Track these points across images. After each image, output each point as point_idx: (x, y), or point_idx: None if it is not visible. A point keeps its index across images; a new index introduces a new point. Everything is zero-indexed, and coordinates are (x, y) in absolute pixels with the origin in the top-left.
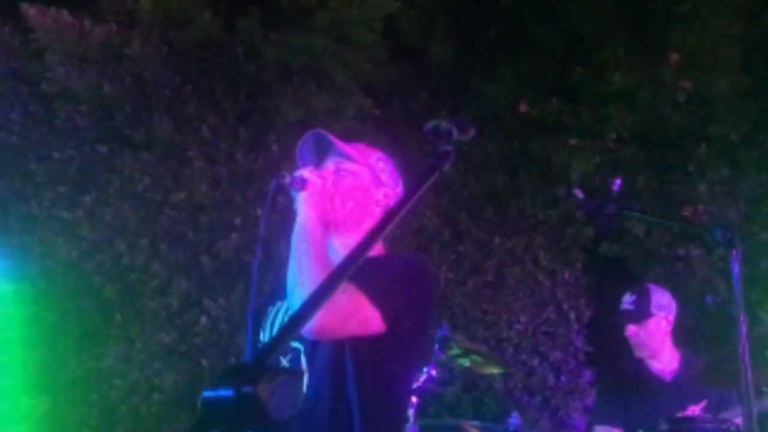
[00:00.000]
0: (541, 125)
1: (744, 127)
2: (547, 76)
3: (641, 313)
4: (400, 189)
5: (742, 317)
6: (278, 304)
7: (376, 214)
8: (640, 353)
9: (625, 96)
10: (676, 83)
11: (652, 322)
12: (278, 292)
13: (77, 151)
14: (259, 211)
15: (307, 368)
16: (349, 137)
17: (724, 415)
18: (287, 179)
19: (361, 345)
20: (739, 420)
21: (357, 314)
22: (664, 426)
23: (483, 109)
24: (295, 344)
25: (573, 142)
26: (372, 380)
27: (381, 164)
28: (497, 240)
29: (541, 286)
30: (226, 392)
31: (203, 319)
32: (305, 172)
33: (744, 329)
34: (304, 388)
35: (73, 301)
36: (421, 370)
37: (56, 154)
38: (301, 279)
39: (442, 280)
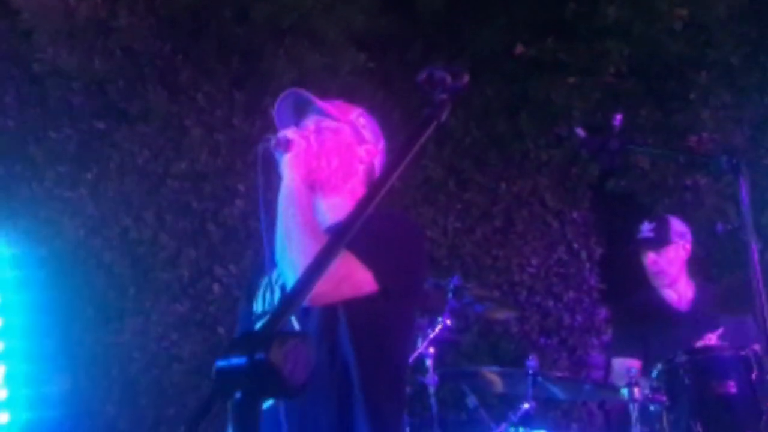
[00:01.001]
0: (539, 65)
1: (744, 51)
2: (540, 14)
3: (661, 240)
4: (381, 145)
5: (753, 243)
6: (269, 274)
7: (360, 172)
8: (657, 282)
9: (620, 29)
10: (671, 11)
11: (671, 250)
12: (268, 262)
13: (74, 129)
14: (274, 178)
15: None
16: (345, 94)
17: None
18: (272, 142)
19: (355, 306)
20: (758, 346)
21: (349, 277)
22: (682, 357)
23: (479, 54)
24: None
25: (572, 80)
26: (368, 340)
27: (362, 120)
28: (503, 185)
29: (549, 227)
30: (239, 360)
31: (216, 287)
32: (289, 133)
33: (755, 255)
34: None
35: (84, 279)
36: (415, 324)
37: (53, 134)
38: (290, 245)
39: (450, 230)
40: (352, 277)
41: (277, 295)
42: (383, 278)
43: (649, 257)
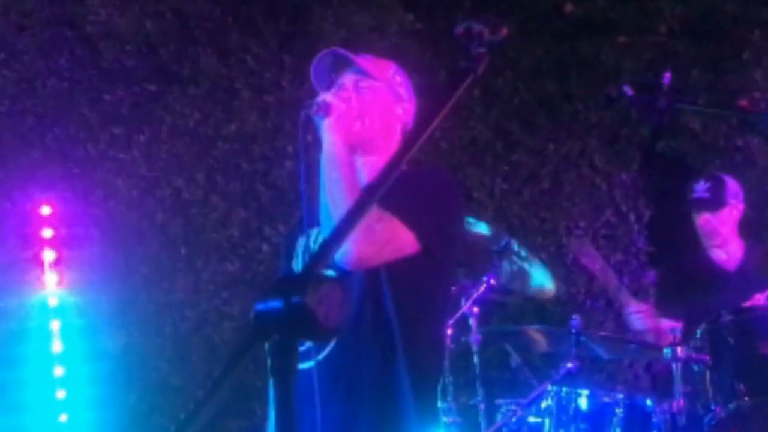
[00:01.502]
0: (589, 25)
1: None
2: None
3: (716, 201)
4: (414, 102)
5: None
6: (308, 232)
7: (398, 130)
8: (709, 242)
9: None
10: None
11: (725, 210)
12: (309, 220)
13: (127, 91)
14: (309, 137)
15: None
16: (392, 54)
17: None
18: (313, 108)
19: (397, 267)
20: None
21: (393, 240)
22: (727, 317)
23: (528, 13)
24: (327, 272)
25: (622, 39)
26: (409, 298)
27: (398, 78)
28: (551, 147)
29: (598, 189)
30: (276, 303)
31: (265, 247)
32: (329, 96)
33: None
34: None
35: (138, 239)
36: (453, 279)
37: (107, 96)
38: (335, 210)
39: (497, 192)
40: (396, 240)
41: None
42: (425, 238)
43: (703, 217)
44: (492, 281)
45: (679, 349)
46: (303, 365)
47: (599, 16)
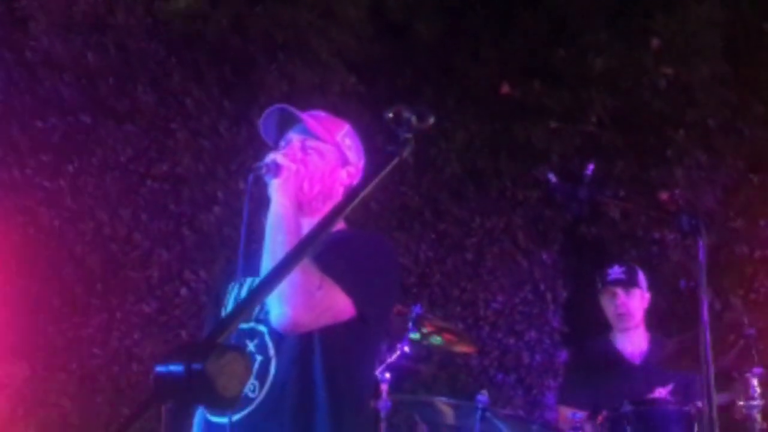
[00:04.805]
0: (523, 107)
1: (723, 114)
2: (530, 58)
3: (631, 282)
4: (363, 163)
5: (704, 303)
6: (241, 281)
7: (340, 193)
8: (621, 324)
9: (606, 80)
10: (657, 69)
11: (637, 294)
12: (244, 269)
13: (60, 120)
14: (241, 185)
15: (274, 351)
16: (332, 112)
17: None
18: (263, 169)
19: (332, 331)
20: (700, 403)
21: (332, 307)
22: (628, 407)
23: (467, 90)
24: (260, 327)
25: (553, 124)
26: (340, 363)
27: (347, 141)
28: (477, 220)
29: (518, 266)
30: (176, 368)
31: (183, 291)
32: (279, 157)
33: (706, 313)
34: (272, 371)
35: (54, 270)
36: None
37: (39, 123)
38: None
39: (422, 258)
40: (335, 307)
41: None
42: (363, 305)
43: (620, 297)
44: (406, 349)
45: None
46: (218, 419)
47: (534, 100)
